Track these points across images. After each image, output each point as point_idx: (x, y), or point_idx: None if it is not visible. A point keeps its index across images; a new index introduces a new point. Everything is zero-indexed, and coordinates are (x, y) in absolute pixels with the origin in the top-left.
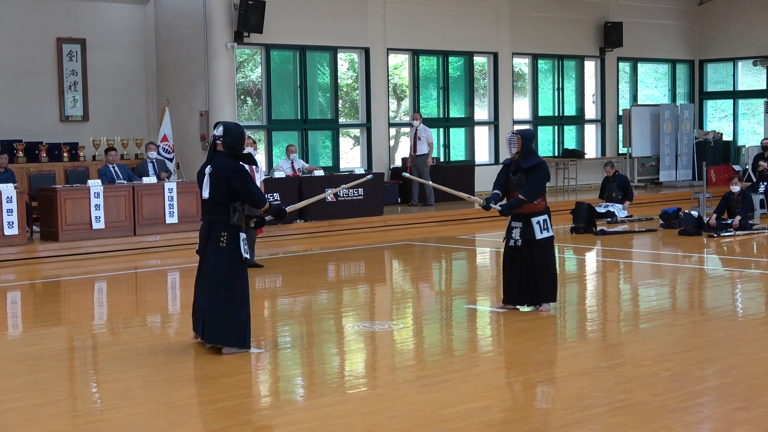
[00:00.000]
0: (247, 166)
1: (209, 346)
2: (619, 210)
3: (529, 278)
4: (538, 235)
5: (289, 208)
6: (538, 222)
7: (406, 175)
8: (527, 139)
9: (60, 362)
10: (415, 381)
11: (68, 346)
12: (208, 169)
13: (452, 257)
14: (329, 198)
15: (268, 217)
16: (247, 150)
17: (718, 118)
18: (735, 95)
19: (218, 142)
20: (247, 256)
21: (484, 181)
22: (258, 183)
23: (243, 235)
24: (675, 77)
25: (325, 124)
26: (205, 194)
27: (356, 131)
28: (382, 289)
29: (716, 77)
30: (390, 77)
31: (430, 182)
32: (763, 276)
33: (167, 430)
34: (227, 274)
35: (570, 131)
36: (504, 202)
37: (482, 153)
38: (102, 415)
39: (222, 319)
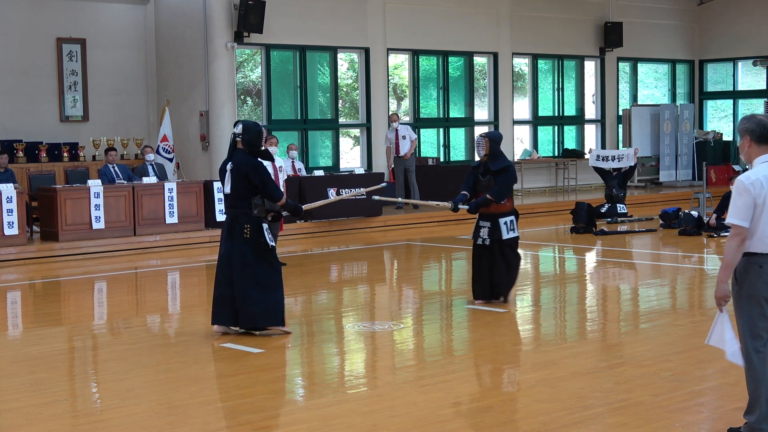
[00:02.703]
0: (265, 163)
1: (242, 330)
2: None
3: (495, 274)
4: (505, 235)
5: (305, 206)
6: (505, 222)
7: (376, 198)
8: (495, 142)
9: (60, 362)
10: (415, 381)
11: (68, 346)
12: (229, 166)
13: (452, 257)
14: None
15: (284, 213)
16: (270, 148)
17: (718, 118)
18: (735, 95)
19: (238, 139)
20: (273, 244)
21: None
22: (281, 182)
23: (265, 226)
24: (675, 77)
25: (325, 124)
26: (227, 189)
27: (356, 131)
28: (382, 289)
29: (716, 77)
30: (390, 77)
31: (399, 199)
32: None
33: (167, 430)
34: (254, 261)
35: (570, 131)
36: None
37: None
38: (102, 415)
39: (257, 304)
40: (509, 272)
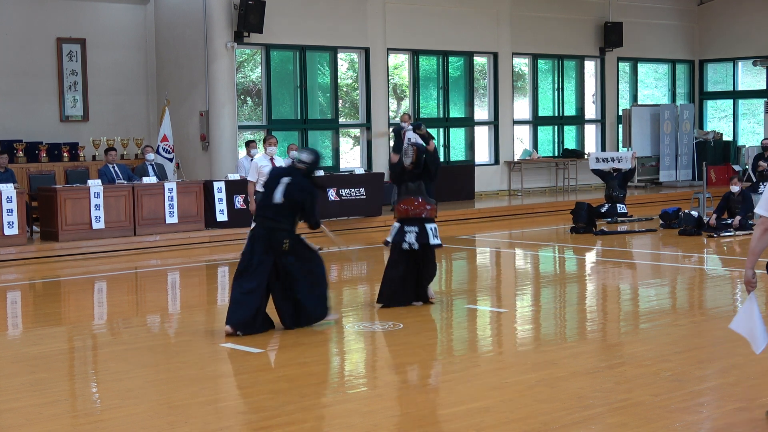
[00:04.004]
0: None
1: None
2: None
3: (422, 277)
4: (432, 241)
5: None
6: (431, 228)
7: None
8: (421, 152)
9: (60, 362)
10: (415, 381)
11: (68, 346)
12: (286, 179)
13: (452, 257)
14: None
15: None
16: (270, 149)
17: (718, 118)
18: (735, 95)
19: (299, 165)
20: (317, 248)
21: (484, 181)
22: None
23: (304, 236)
24: (675, 77)
25: (325, 124)
26: (278, 199)
27: (356, 131)
28: None
29: (716, 77)
30: (390, 77)
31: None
32: (762, 276)
33: (167, 430)
34: (296, 267)
35: (570, 131)
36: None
37: (482, 153)
38: (102, 415)
39: (306, 305)
40: (431, 276)
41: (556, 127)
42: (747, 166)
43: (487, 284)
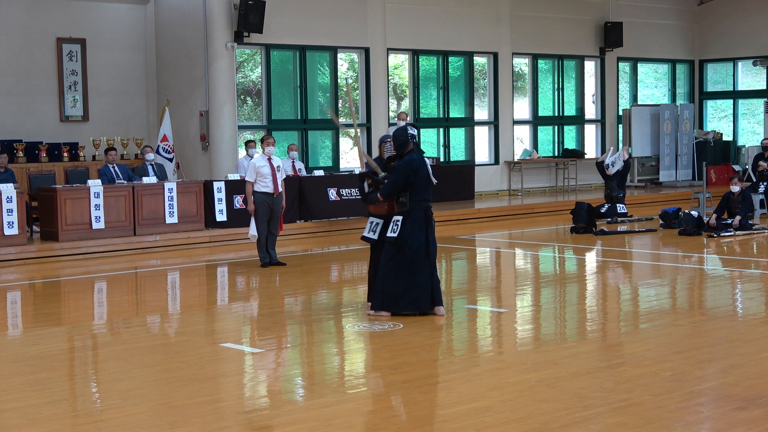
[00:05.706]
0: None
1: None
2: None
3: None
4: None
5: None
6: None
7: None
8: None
9: (60, 362)
10: (415, 381)
11: (68, 346)
12: (427, 160)
13: (452, 257)
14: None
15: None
16: (268, 149)
17: (718, 118)
18: (735, 95)
19: (415, 142)
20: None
21: (484, 181)
22: (279, 181)
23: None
24: (675, 77)
25: (325, 124)
26: (434, 180)
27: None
28: None
29: (716, 77)
30: (390, 77)
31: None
32: (763, 276)
33: (167, 430)
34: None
35: (570, 131)
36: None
37: (482, 153)
38: (102, 415)
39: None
40: None
41: (556, 127)
42: (747, 166)
43: (487, 284)
